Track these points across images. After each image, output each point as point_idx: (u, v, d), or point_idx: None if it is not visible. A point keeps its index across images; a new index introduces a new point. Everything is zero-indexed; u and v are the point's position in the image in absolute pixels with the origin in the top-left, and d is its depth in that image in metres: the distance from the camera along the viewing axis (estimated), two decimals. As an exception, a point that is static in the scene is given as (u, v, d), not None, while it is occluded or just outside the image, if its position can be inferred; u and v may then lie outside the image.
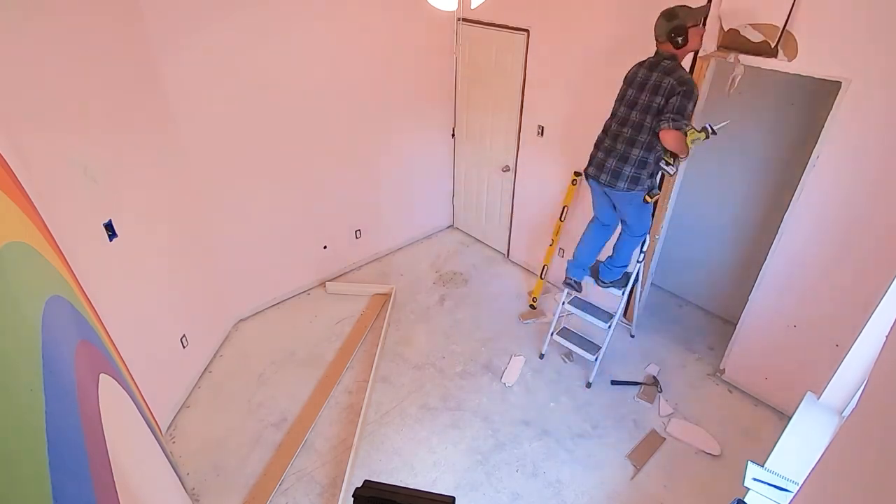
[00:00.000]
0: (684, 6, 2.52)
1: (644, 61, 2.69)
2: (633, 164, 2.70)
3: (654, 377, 3.37)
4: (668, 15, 2.50)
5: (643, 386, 3.31)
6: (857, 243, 2.53)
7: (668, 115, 2.49)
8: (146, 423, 2.00)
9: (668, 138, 2.51)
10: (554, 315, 3.58)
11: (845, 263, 2.60)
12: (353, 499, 1.66)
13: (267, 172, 3.52)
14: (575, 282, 3.33)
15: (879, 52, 2.20)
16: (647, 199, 2.81)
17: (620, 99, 2.77)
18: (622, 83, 2.80)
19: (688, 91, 2.46)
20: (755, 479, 1.99)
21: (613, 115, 2.81)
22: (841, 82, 2.34)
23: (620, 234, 3.14)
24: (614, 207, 3.01)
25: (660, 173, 2.82)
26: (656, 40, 2.59)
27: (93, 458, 1.24)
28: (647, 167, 2.71)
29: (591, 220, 3.23)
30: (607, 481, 2.78)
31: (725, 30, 2.62)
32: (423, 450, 2.94)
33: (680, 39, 2.49)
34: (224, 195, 3.38)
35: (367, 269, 4.49)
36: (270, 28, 3.15)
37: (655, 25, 2.57)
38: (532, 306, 4.02)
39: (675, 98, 2.47)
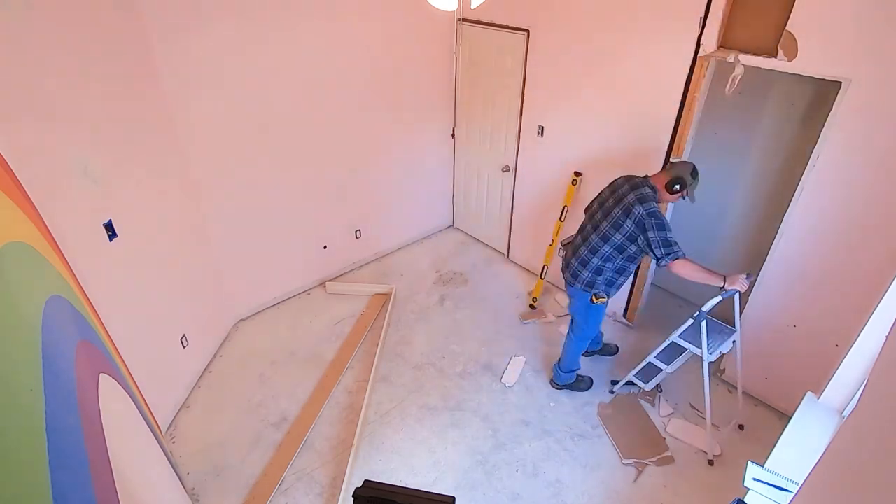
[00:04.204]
0: (695, 176, 2.62)
1: (631, 176, 2.74)
2: (591, 269, 2.78)
3: (654, 377, 3.36)
4: (692, 171, 2.61)
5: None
6: (857, 243, 2.53)
7: (659, 252, 2.54)
8: (146, 423, 2.00)
9: (679, 270, 2.55)
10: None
11: (845, 263, 2.60)
12: (353, 499, 1.66)
13: (266, 172, 3.52)
14: (562, 385, 3.30)
15: (879, 52, 2.20)
16: (594, 299, 2.85)
17: (601, 203, 2.80)
18: (608, 185, 2.84)
19: (659, 222, 2.53)
20: (755, 479, 1.99)
21: (591, 216, 2.85)
22: (841, 82, 2.34)
23: (567, 334, 3.16)
24: None
25: (617, 284, 2.85)
26: (663, 167, 2.64)
27: (93, 458, 1.24)
28: (602, 274, 2.78)
29: None
30: (607, 481, 2.78)
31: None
32: (423, 450, 2.95)
33: (675, 187, 2.58)
34: (224, 195, 3.38)
35: (367, 269, 4.49)
36: (270, 28, 3.15)
37: (673, 164, 2.65)
38: (532, 306, 4.02)
39: (651, 233, 2.53)
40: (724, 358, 3.30)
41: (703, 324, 2.64)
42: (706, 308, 2.62)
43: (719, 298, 2.61)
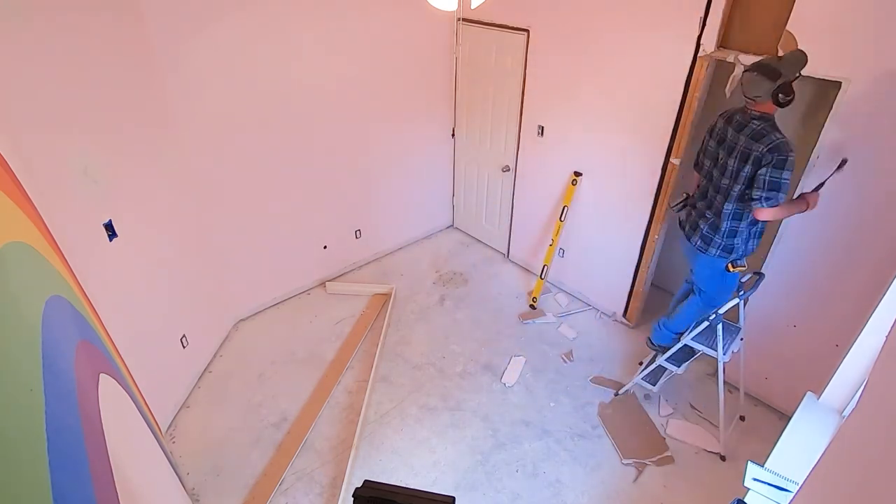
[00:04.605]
0: (781, 58, 2.21)
1: (730, 116, 2.47)
2: (724, 233, 2.54)
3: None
4: (770, 72, 2.18)
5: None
6: (857, 243, 2.53)
7: (759, 192, 2.27)
8: (146, 423, 2.00)
9: (766, 215, 2.35)
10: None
11: (845, 263, 2.60)
12: (353, 499, 1.66)
13: (267, 172, 3.52)
14: (657, 345, 3.13)
15: (879, 52, 2.20)
16: (730, 267, 2.59)
17: (712, 157, 2.56)
18: (707, 134, 2.61)
19: (780, 159, 2.21)
20: (755, 479, 1.99)
21: (706, 175, 2.62)
22: (841, 82, 2.34)
23: (690, 296, 2.92)
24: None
25: (757, 233, 2.57)
26: (750, 99, 2.29)
27: (93, 458, 1.24)
28: (738, 235, 2.53)
29: (685, 282, 3.04)
30: (607, 481, 2.78)
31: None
32: (423, 450, 2.94)
33: (783, 97, 2.20)
34: (224, 195, 3.38)
35: (367, 269, 4.49)
36: (270, 28, 3.15)
37: (748, 84, 2.24)
38: (532, 306, 4.02)
39: (764, 170, 2.24)
40: (724, 358, 3.30)
41: (720, 327, 2.64)
42: (722, 311, 2.62)
43: (737, 301, 2.60)
